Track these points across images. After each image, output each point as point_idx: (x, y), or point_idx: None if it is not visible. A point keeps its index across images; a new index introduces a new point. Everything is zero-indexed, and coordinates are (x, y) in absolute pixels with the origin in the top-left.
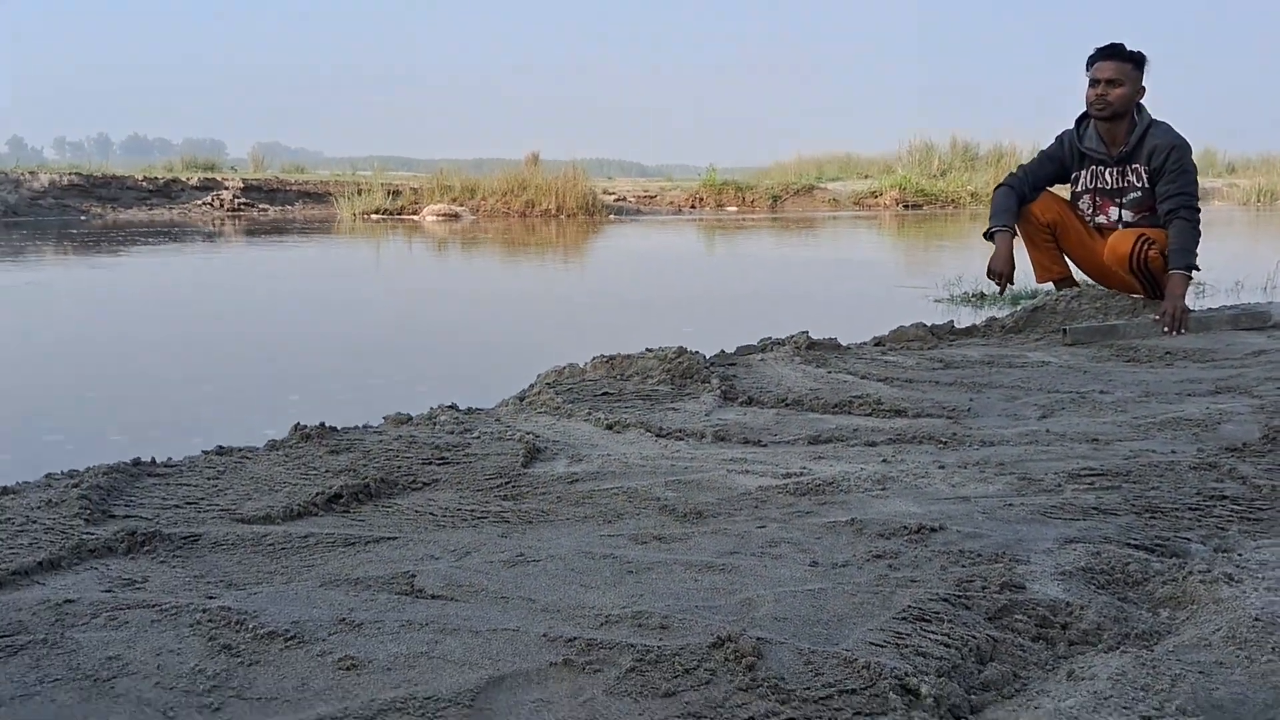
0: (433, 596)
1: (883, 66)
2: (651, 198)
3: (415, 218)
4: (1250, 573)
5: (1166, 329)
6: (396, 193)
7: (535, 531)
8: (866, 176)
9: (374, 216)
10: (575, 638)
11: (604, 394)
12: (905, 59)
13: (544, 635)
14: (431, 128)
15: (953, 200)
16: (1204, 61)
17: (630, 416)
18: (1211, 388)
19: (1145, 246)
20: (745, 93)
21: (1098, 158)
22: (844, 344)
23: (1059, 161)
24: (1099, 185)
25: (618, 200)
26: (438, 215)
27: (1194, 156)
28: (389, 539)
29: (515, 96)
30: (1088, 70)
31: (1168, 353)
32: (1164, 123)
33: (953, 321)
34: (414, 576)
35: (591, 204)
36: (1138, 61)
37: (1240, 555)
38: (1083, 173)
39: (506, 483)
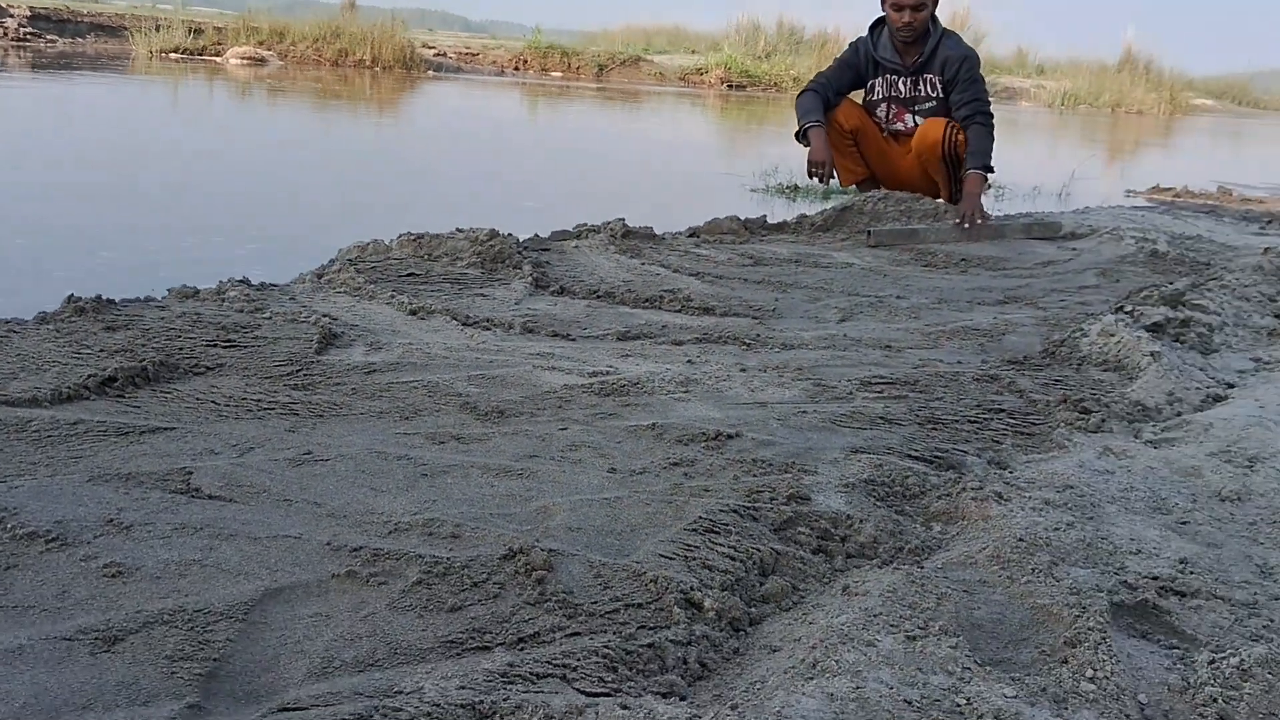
0: (210, 497)
1: None
2: (474, 55)
3: (218, 60)
4: (1019, 490)
5: (965, 224)
6: (199, 31)
7: (326, 426)
8: (694, 52)
9: (173, 56)
10: (361, 547)
11: (409, 275)
12: None
13: (327, 544)
14: None
15: (775, 83)
16: None
17: (436, 302)
18: (1000, 297)
19: (954, 132)
20: None
21: (893, 67)
22: (659, 234)
23: (855, 69)
24: (894, 94)
25: (438, 55)
26: (242, 59)
27: (1005, 57)
28: (166, 429)
29: None
30: None
31: (963, 260)
32: (954, 34)
33: (765, 216)
34: (190, 474)
35: (409, 57)
36: None
37: (1012, 472)
38: (878, 81)
39: (297, 370)
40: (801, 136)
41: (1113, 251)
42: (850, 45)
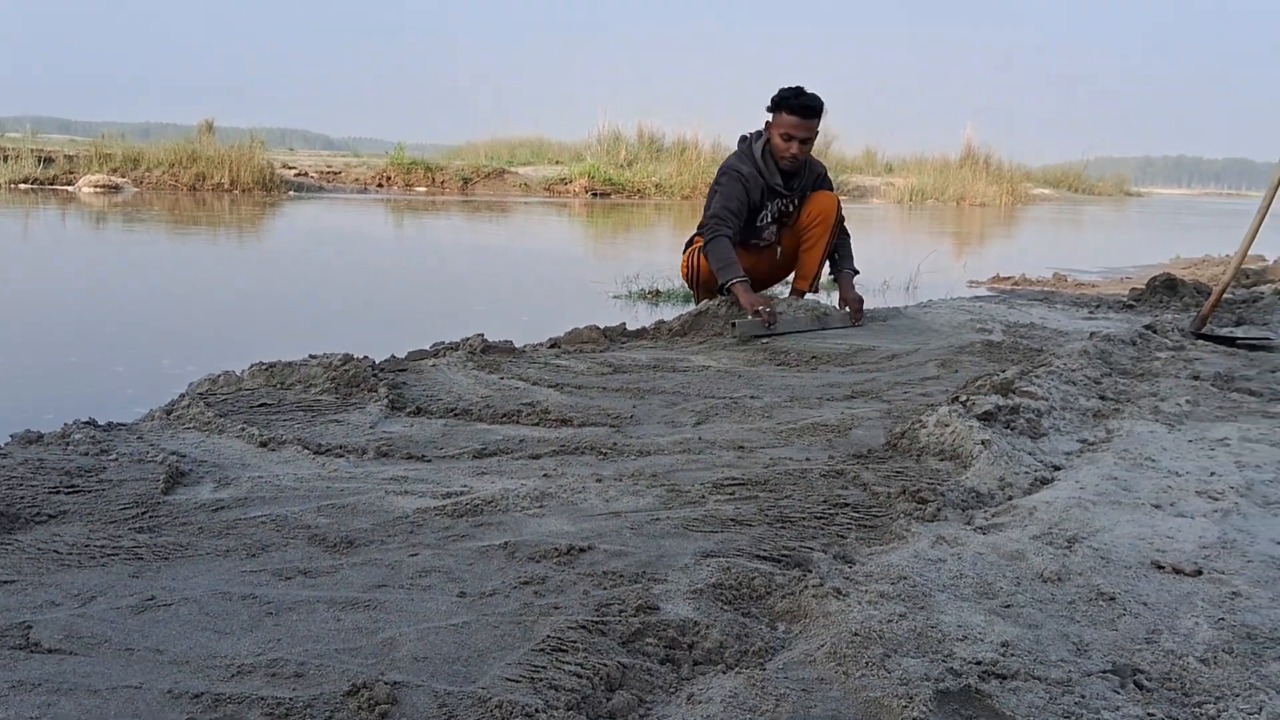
0: (49, 650)
1: (575, 52)
2: (336, 174)
3: (70, 189)
4: (857, 585)
5: (859, 321)
6: (49, 160)
7: (171, 569)
8: (558, 162)
9: (22, 186)
10: (202, 693)
11: (261, 406)
12: (599, 46)
13: (169, 692)
14: (92, 85)
15: (639, 190)
16: (864, 67)
17: (288, 431)
18: (848, 392)
19: (840, 206)
20: (440, 68)
21: (784, 192)
22: (520, 346)
23: (749, 201)
24: (781, 216)
25: (299, 175)
26: (96, 187)
27: (855, 157)
28: (5, 583)
29: (191, 53)
30: (777, 112)
31: (813, 357)
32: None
33: (625, 324)
34: (30, 627)
35: (269, 179)
36: (822, 111)
37: (853, 566)
38: (770, 205)
39: (143, 512)
40: (726, 290)
41: (952, 342)
42: (732, 174)
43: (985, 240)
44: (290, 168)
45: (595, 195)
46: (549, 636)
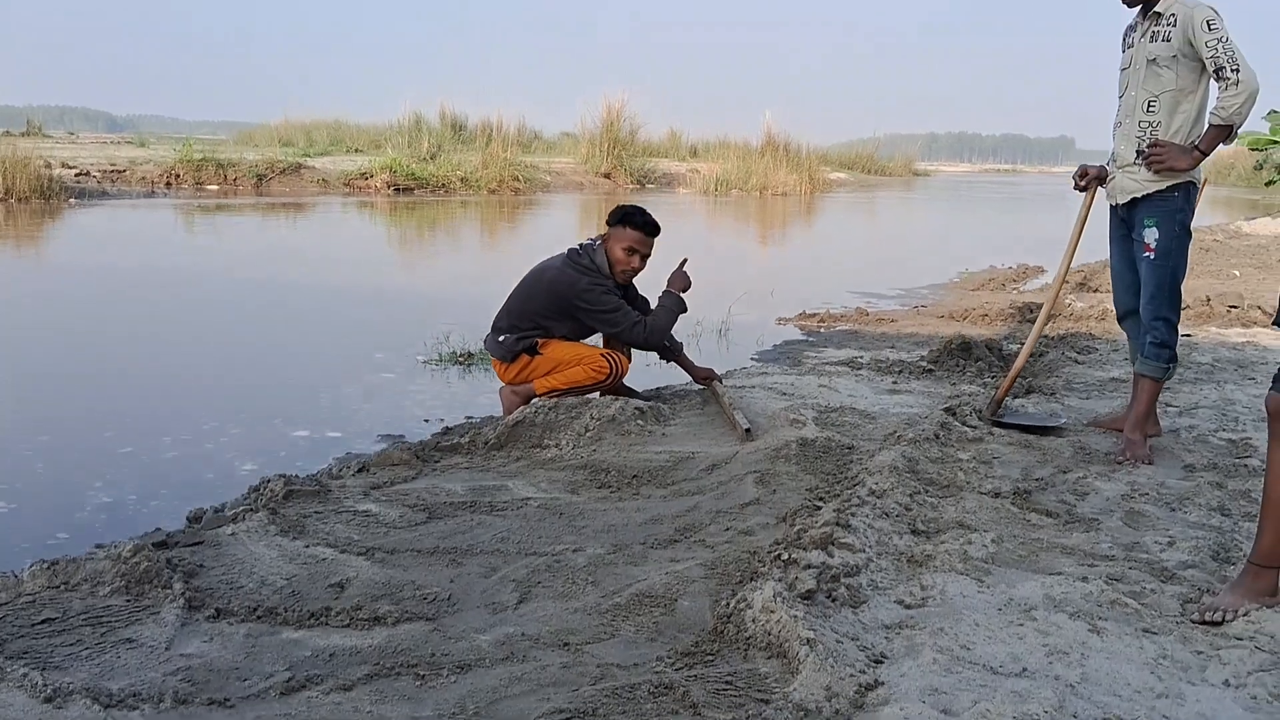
0: None
1: (375, 30)
2: (120, 173)
3: None
4: None
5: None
6: None
7: None
8: (358, 150)
9: None
10: None
11: (44, 621)
12: (396, 24)
13: None
14: None
15: (444, 185)
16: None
17: (76, 671)
18: (671, 532)
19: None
20: (230, 44)
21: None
22: (326, 482)
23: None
24: None
25: (80, 176)
26: None
27: (661, 140)
28: None
29: None
30: (622, 226)
31: (634, 476)
32: None
33: (438, 442)
34: None
35: (47, 186)
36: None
37: None
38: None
39: None
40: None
41: (769, 443)
42: (602, 283)
43: (788, 250)
44: (70, 167)
45: (398, 191)
46: None
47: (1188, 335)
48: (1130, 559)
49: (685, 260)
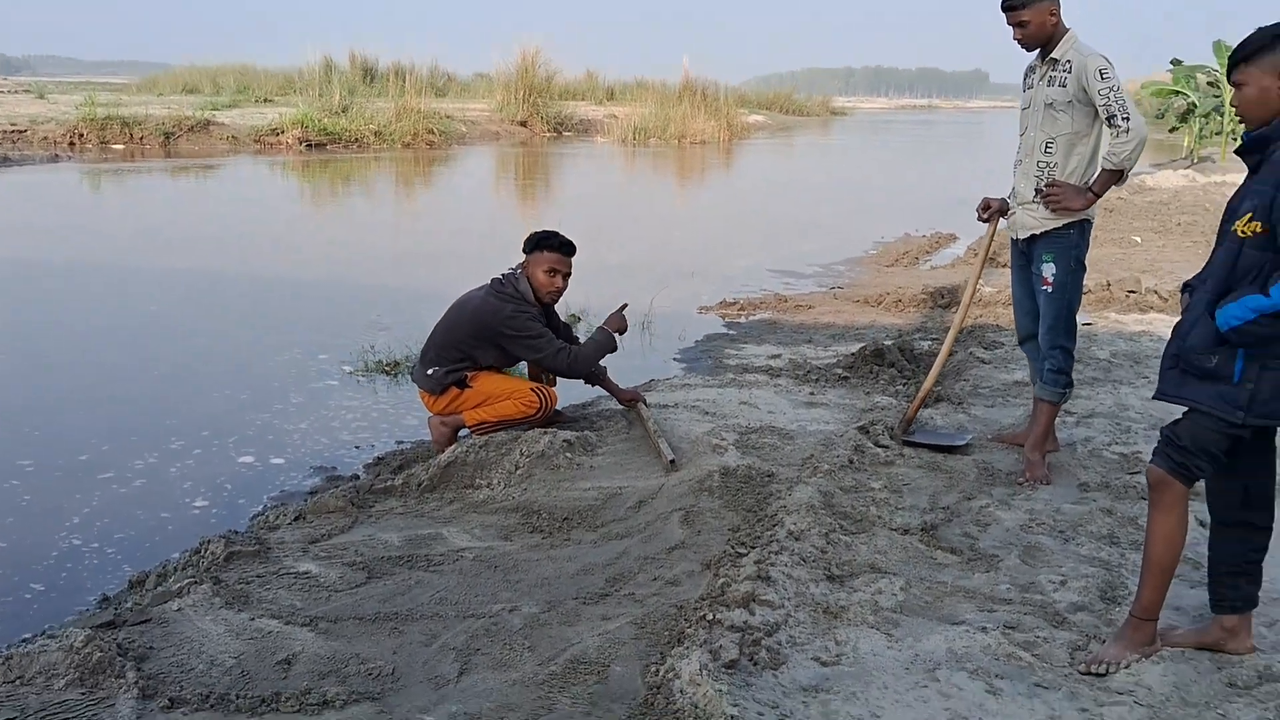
0: None
1: None
2: (21, 133)
3: None
4: None
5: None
6: None
7: None
8: (267, 100)
9: None
10: None
11: None
12: None
13: None
14: None
15: (356, 140)
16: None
17: None
18: (602, 584)
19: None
20: None
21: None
22: (266, 539)
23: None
24: None
25: None
26: None
27: (577, 80)
28: None
29: None
30: (539, 251)
31: (565, 518)
32: None
33: (371, 484)
34: None
35: None
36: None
37: None
38: None
39: None
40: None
41: (693, 474)
42: (528, 310)
43: (709, 219)
44: None
45: (310, 147)
46: None
47: (1088, 324)
48: (1025, 601)
49: (625, 305)
